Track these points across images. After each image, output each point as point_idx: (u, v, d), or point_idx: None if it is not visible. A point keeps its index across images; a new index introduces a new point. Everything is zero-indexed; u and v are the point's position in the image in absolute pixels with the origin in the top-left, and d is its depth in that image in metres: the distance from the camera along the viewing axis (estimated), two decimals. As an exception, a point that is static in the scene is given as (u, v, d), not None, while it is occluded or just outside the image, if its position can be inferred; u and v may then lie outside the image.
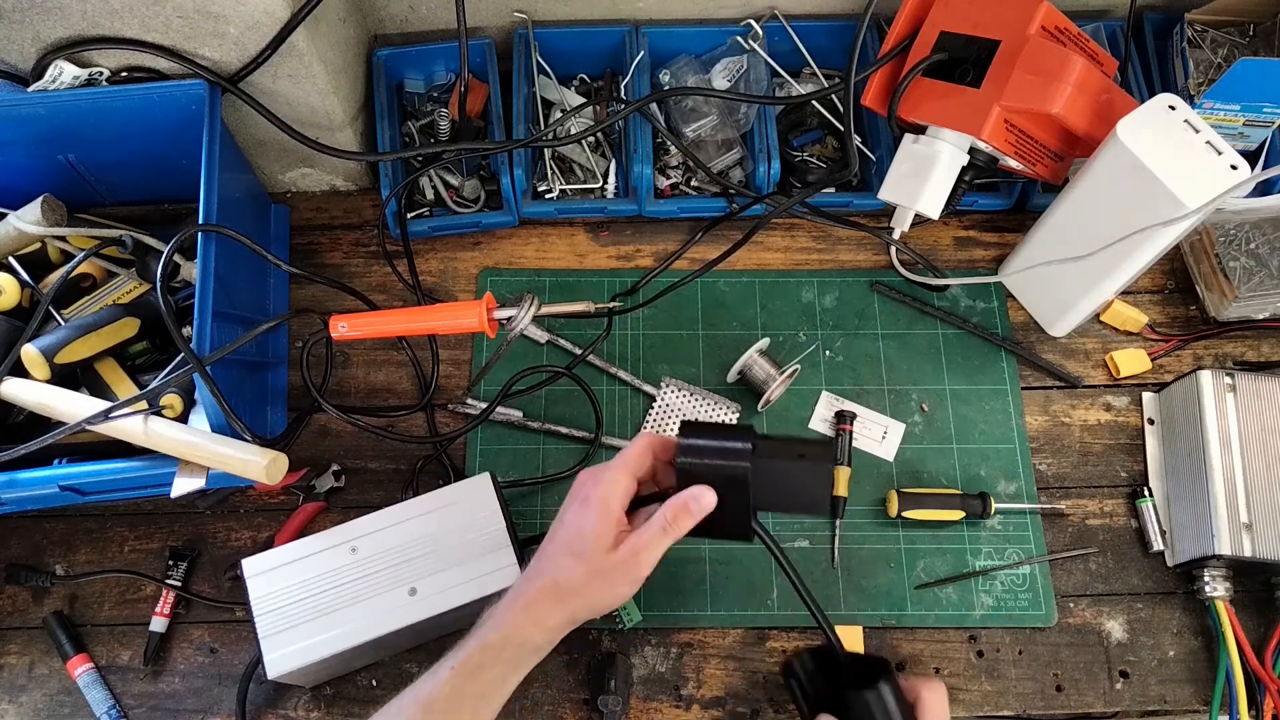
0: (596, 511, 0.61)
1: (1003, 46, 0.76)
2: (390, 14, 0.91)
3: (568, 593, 0.61)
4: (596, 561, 0.61)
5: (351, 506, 0.83)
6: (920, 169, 0.80)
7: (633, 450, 0.63)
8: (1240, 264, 0.85)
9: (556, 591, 0.61)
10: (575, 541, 0.62)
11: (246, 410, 0.77)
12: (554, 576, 0.61)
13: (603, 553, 0.61)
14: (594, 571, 0.61)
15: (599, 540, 0.61)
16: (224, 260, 0.75)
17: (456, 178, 0.93)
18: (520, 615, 0.61)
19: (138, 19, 0.73)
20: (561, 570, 0.61)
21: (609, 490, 0.62)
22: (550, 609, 0.61)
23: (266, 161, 0.91)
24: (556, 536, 0.63)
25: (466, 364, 0.88)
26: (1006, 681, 0.77)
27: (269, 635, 0.69)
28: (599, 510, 0.61)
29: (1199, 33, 0.89)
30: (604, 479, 0.62)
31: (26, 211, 0.81)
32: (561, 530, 0.63)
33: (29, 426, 0.77)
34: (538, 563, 0.63)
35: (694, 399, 0.85)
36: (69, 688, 0.77)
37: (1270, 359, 0.87)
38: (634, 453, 0.63)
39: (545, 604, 0.61)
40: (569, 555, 0.61)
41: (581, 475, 0.65)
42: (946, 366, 0.87)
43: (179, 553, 0.81)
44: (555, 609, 0.61)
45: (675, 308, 0.90)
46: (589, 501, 0.62)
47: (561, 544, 0.62)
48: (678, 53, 0.94)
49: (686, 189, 0.94)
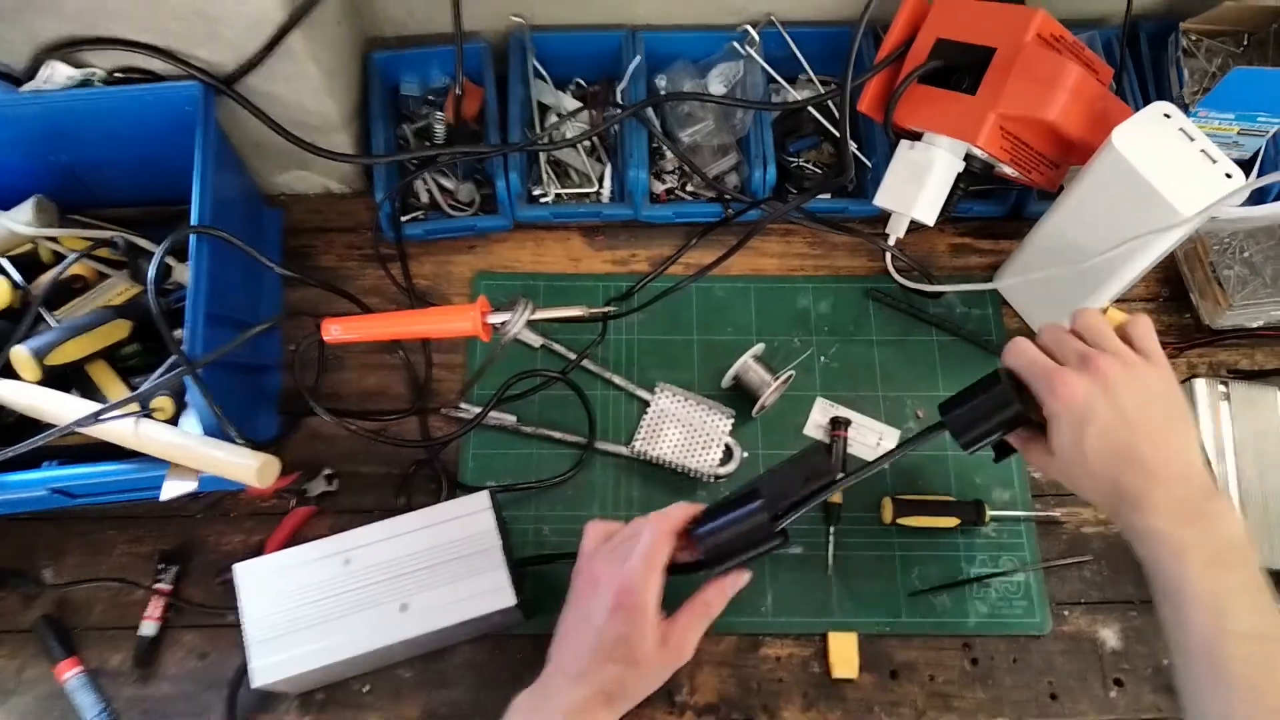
0: (638, 619, 0.62)
1: (998, 54, 0.76)
2: (386, 17, 0.91)
3: (618, 699, 0.63)
4: (646, 665, 0.63)
5: (343, 511, 0.83)
6: (916, 175, 0.80)
7: (657, 546, 0.64)
8: (1234, 272, 0.85)
9: (607, 700, 0.62)
10: (621, 650, 0.63)
11: (238, 413, 0.77)
12: (603, 688, 0.62)
13: (651, 654, 0.62)
14: (642, 675, 0.63)
15: (644, 645, 0.62)
16: (217, 262, 0.75)
17: (451, 181, 0.92)
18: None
19: (132, 20, 0.73)
20: (610, 680, 0.62)
21: (647, 597, 0.63)
22: (601, 717, 0.62)
23: (261, 163, 0.91)
24: (600, 647, 0.63)
25: (460, 368, 0.88)
26: (1001, 689, 0.77)
27: (257, 643, 0.69)
28: (640, 617, 0.62)
29: (1194, 42, 0.90)
30: (638, 584, 0.62)
31: (18, 212, 0.81)
32: (603, 639, 0.63)
33: (19, 428, 0.76)
34: (580, 669, 0.63)
35: (688, 404, 0.85)
36: (58, 692, 0.77)
37: (1264, 367, 0.87)
38: (659, 548, 0.64)
39: (596, 712, 0.62)
40: (617, 664, 0.62)
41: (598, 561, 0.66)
42: (941, 373, 0.87)
43: (169, 556, 0.80)
44: (605, 715, 0.62)
45: (670, 313, 0.90)
46: (627, 609, 0.62)
47: (607, 654, 0.63)
48: (674, 58, 0.94)
49: (682, 194, 0.94)
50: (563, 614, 0.67)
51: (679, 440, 0.83)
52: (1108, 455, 0.58)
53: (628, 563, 0.64)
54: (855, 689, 0.77)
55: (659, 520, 0.66)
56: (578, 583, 0.67)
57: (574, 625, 0.65)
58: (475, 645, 0.78)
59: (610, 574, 0.64)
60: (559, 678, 0.63)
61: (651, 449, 0.83)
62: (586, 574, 0.66)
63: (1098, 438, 0.58)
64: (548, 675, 0.64)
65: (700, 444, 0.83)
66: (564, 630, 0.66)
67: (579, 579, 0.67)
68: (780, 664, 0.78)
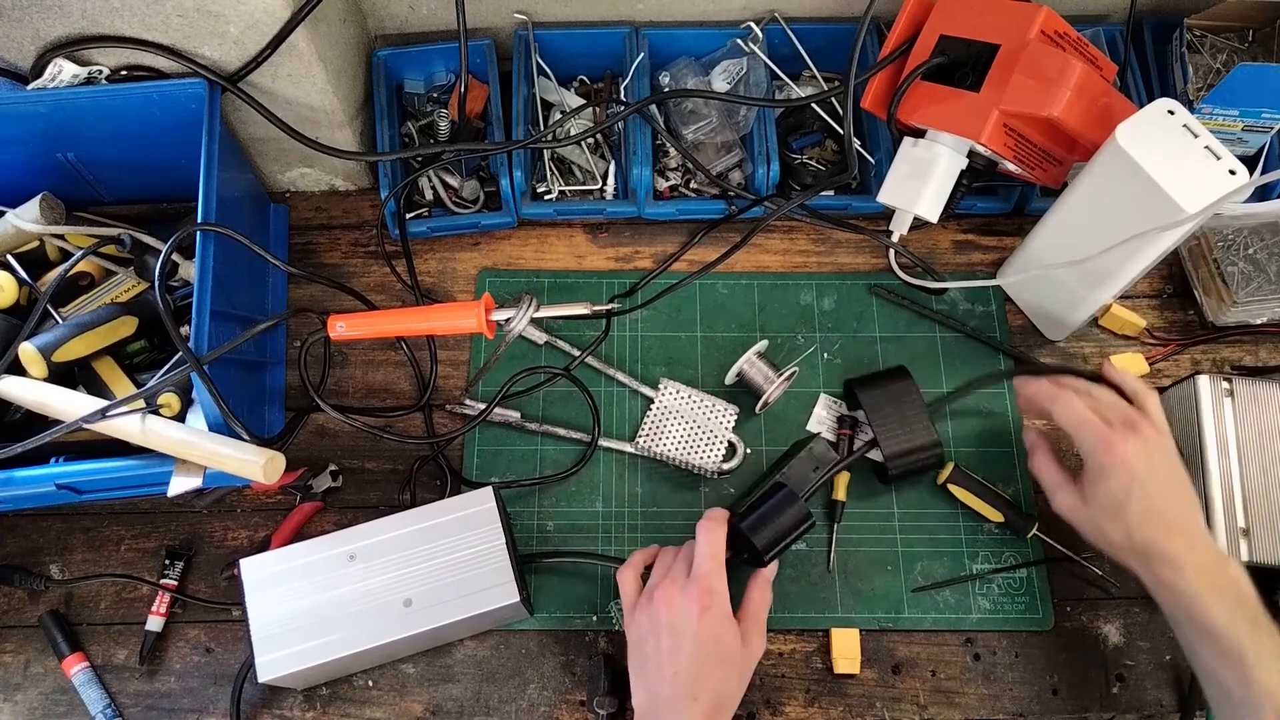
0: (725, 617, 0.66)
1: (1002, 50, 0.76)
2: (390, 14, 0.91)
3: (726, 707, 0.65)
4: (738, 665, 0.66)
5: (348, 507, 0.83)
6: (919, 172, 0.80)
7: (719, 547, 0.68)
8: (1238, 269, 0.85)
9: (717, 710, 0.64)
10: (720, 651, 0.65)
11: (244, 409, 0.77)
12: (714, 698, 0.64)
13: (738, 652, 0.66)
14: (737, 674, 0.66)
15: (735, 642, 0.66)
16: (222, 259, 0.75)
17: (456, 178, 0.93)
18: None
19: (138, 17, 0.73)
20: (719, 686, 0.64)
21: (725, 596, 0.66)
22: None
23: (266, 161, 0.91)
24: (700, 655, 0.64)
25: (465, 365, 0.88)
26: (1003, 685, 0.77)
27: (262, 638, 0.69)
28: (726, 615, 0.66)
29: (1198, 38, 0.89)
30: (716, 585, 0.66)
31: (25, 210, 0.81)
32: (701, 647, 0.64)
33: (26, 425, 0.77)
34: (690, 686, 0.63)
35: (692, 401, 0.85)
36: (65, 686, 0.77)
37: (1268, 364, 0.87)
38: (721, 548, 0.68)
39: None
40: (720, 666, 0.65)
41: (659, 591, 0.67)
42: (945, 370, 0.87)
43: (175, 552, 0.80)
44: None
45: (674, 310, 0.90)
46: (713, 609, 0.65)
47: (708, 660, 0.64)
48: (678, 55, 0.94)
49: (685, 191, 0.94)
50: (639, 654, 0.67)
51: (683, 436, 0.83)
52: (1147, 515, 0.64)
53: (698, 569, 0.66)
54: (857, 684, 0.77)
55: (710, 526, 0.69)
56: (643, 617, 0.67)
57: (665, 650, 0.65)
58: (479, 640, 0.78)
59: (680, 589, 0.66)
60: (668, 705, 0.63)
61: (655, 445, 0.83)
62: (649, 605, 0.67)
63: (1142, 499, 0.65)
64: (653, 707, 0.64)
65: (704, 440, 0.83)
66: (651, 663, 0.65)
67: (641, 614, 0.67)
68: (783, 660, 0.78)
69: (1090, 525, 0.69)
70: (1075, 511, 0.69)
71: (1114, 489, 0.65)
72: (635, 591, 0.70)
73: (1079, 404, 0.68)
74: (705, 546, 0.68)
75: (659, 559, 0.71)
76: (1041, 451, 0.74)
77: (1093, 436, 0.67)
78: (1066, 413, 0.68)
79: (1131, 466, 0.65)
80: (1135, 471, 0.65)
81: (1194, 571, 0.63)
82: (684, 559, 0.69)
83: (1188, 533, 0.64)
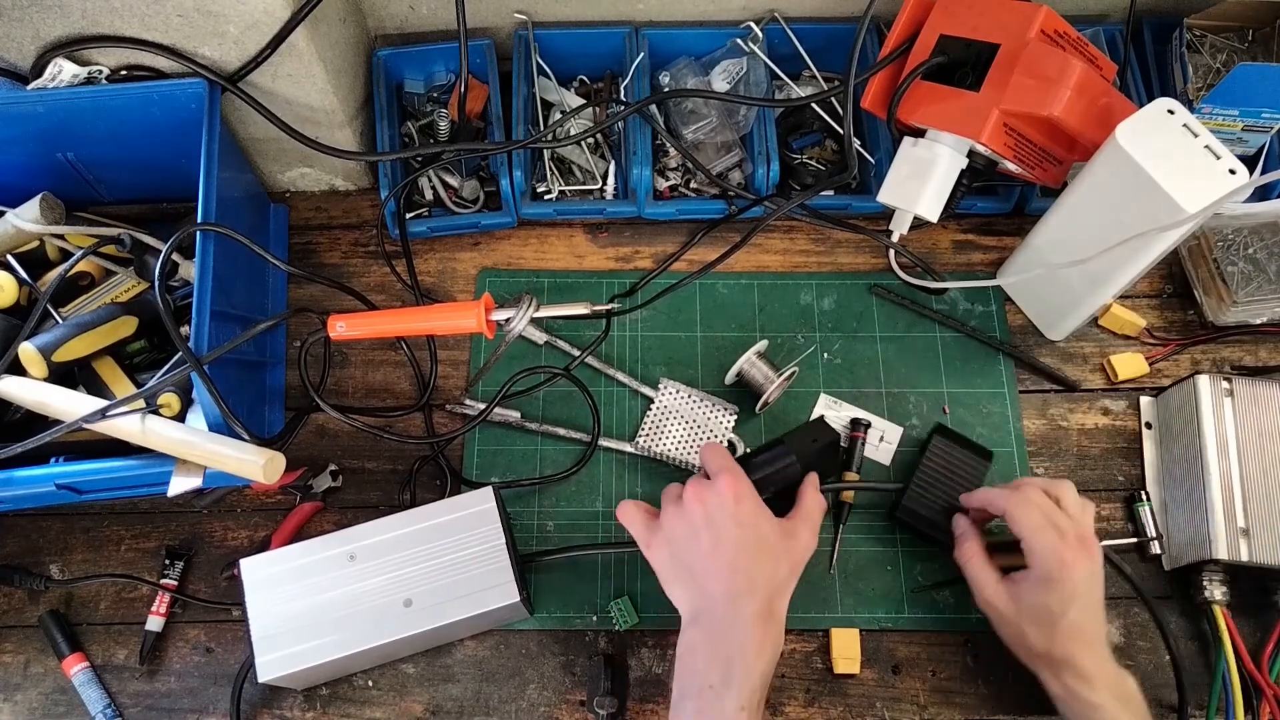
0: (760, 506, 0.67)
1: (1002, 50, 0.76)
2: (390, 14, 0.91)
3: (783, 592, 0.66)
4: (790, 554, 0.67)
5: (348, 507, 0.83)
6: (919, 172, 0.80)
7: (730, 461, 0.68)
8: (1238, 269, 0.85)
9: (769, 603, 0.65)
10: (765, 543, 0.66)
11: (244, 409, 0.77)
12: (766, 591, 0.64)
13: (785, 542, 0.67)
14: (793, 563, 0.67)
15: (777, 532, 0.67)
16: (222, 259, 0.75)
17: (456, 178, 0.93)
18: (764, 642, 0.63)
19: (137, 17, 0.73)
20: (768, 579, 0.65)
21: (752, 489, 0.67)
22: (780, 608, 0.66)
23: (265, 161, 0.91)
24: (744, 547, 0.64)
25: (465, 364, 0.88)
26: (1003, 685, 0.77)
27: (263, 638, 0.69)
28: (760, 504, 0.67)
29: (1198, 37, 0.89)
30: (743, 483, 0.67)
31: (25, 209, 0.81)
32: (744, 541, 0.65)
33: (26, 425, 0.77)
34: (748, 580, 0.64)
35: (692, 401, 0.85)
36: (64, 686, 0.77)
37: (1268, 364, 0.87)
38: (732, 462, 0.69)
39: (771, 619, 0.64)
40: (765, 558, 0.65)
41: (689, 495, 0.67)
42: (945, 370, 0.87)
43: (175, 552, 0.80)
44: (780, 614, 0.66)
45: (674, 309, 0.90)
46: (746, 499, 0.66)
47: (755, 552, 0.65)
48: (678, 54, 0.94)
49: (685, 191, 0.94)
50: (677, 560, 0.66)
51: (683, 436, 0.83)
52: (1075, 630, 0.67)
53: (717, 469, 0.67)
54: (857, 684, 0.77)
55: (713, 445, 0.70)
56: (677, 523, 0.67)
57: (707, 548, 0.65)
58: (479, 640, 0.78)
59: (709, 486, 0.67)
60: (725, 600, 0.64)
61: (655, 445, 0.83)
62: (680, 509, 0.67)
63: (1075, 615, 0.67)
64: (709, 605, 0.64)
65: (704, 440, 0.83)
66: (695, 564, 0.65)
67: (673, 520, 0.67)
68: (783, 659, 0.78)
69: (1012, 626, 0.69)
70: (1003, 609, 0.70)
71: (1053, 602, 0.67)
72: (644, 516, 0.69)
73: (1037, 512, 0.68)
74: (713, 455, 0.69)
75: (667, 492, 0.70)
76: (972, 543, 0.74)
77: (1047, 548, 0.67)
78: (1024, 517, 0.68)
79: (1076, 585, 0.67)
80: (1078, 590, 0.67)
81: (1103, 684, 0.66)
82: (696, 477, 0.69)
83: (1100, 649, 0.67)
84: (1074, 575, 0.66)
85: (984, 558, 0.73)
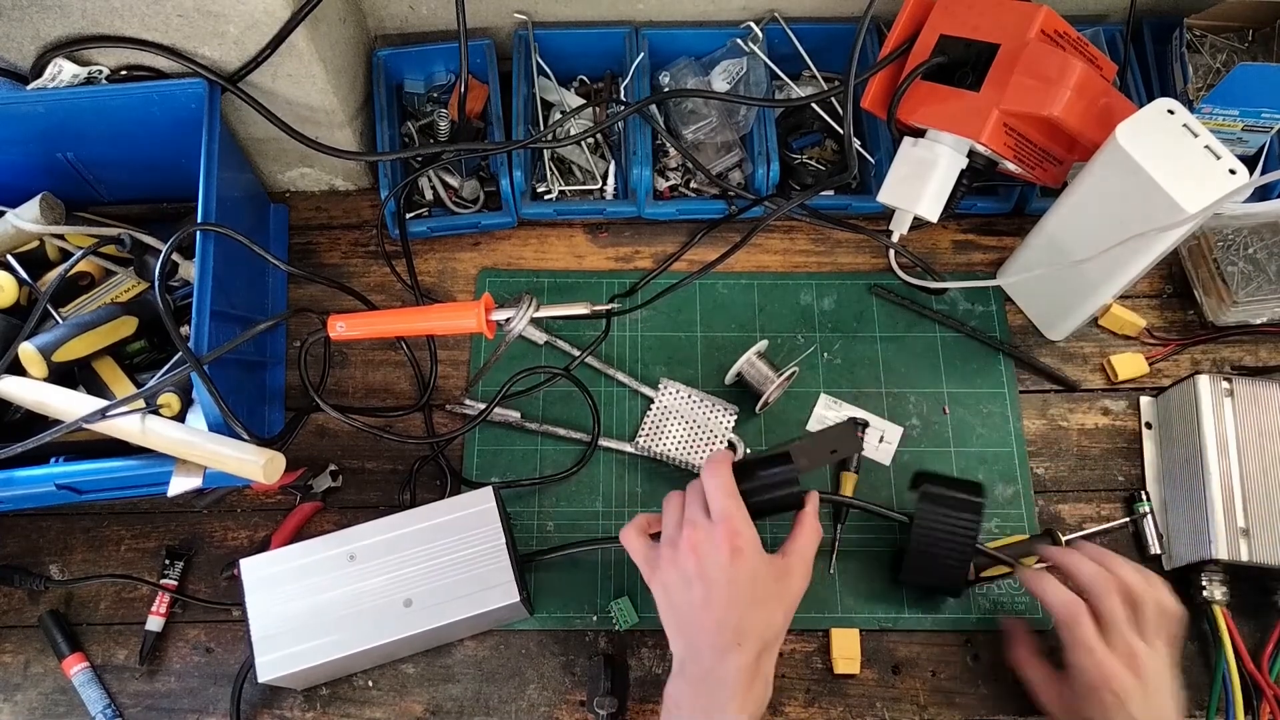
0: (755, 552, 0.64)
1: (1002, 50, 0.76)
2: (390, 14, 0.91)
3: (772, 643, 0.64)
4: (778, 599, 0.65)
5: (348, 507, 0.83)
6: (919, 172, 0.80)
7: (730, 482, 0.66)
8: (1238, 269, 0.85)
9: (765, 648, 0.63)
10: (758, 590, 0.64)
11: (244, 409, 0.77)
12: (761, 637, 0.63)
13: (774, 586, 0.65)
14: (779, 609, 0.65)
15: (773, 577, 0.65)
16: (222, 259, 0.75)
17: (456, 178, 0.93)
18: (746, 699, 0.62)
19: (137, 17, 0.73)
20: (762, 626, 0.63)
21: (751, 530, 0.65)
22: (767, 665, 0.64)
23: (265, 161, 0.91)
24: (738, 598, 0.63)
25: (465, 364, 0.88)
26: (1003, 685, 0.77)
27: (263, 638, 0.69)
28: (757, 550, 0.64)
29: (1198, 38, 0.89)
30: (739, 523, 0.64)
31: (25, 209, 0.81)
32: (738, 589, 0.63)
33: (26, 425, 0.77)
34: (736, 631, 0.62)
35: (692, 401, 0.85)
36: (64, 686, 0.77)
37: (1268, 364, 0.87)
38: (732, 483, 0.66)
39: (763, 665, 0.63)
40: (759, 606, 0.64)
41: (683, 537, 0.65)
42: (945, 370, 0.87)
43: (175, 552, 0.80)
44: (769, 664, 0.64)
45: (673, 310, 0.90)
46: (741, 548, 0.63)
47: (748, 601, 0.63)
48: (678, 54, 0.94)
49: (685, 191, 0.94)
50: (671, 606, 0.65)
51: (683, 436, 0.83)
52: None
53: (716, 511, 0.65)
54: (857, 685, 0.77)
55: (715, 467, 0.67)
56: (670, 570, 0.65)
57: (699, 601, 0.63)
58: (479, 640, 0.78)
59: (706, 534, 0.64)
60: (711, 654, 0.62)
61: (655, 445, 0.83)
62: (675, 554, 0.65)
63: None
64: (695, 657, 0.63)
65: (704, 440, 0.83)
66: (686, 615, 0.64)
67: (668, 566, 0.65)
68: (782, 660, 0.78)
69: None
70: (1058, 714, 0.68)
71: (1095, 714, 0.64)
72: (646, 547, 0.68)
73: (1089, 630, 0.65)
74: (716, 485, 0.65)
75: (667, 506, 0.68)
76: (1023, 645, 0.73)
77: (1099, 667, 0.64)
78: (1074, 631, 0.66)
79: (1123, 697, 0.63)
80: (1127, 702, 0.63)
81: None
82: (695, 503, 0.66)
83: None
84: (1117, 688, 0.63)
85: (1036, 660, 0.71)
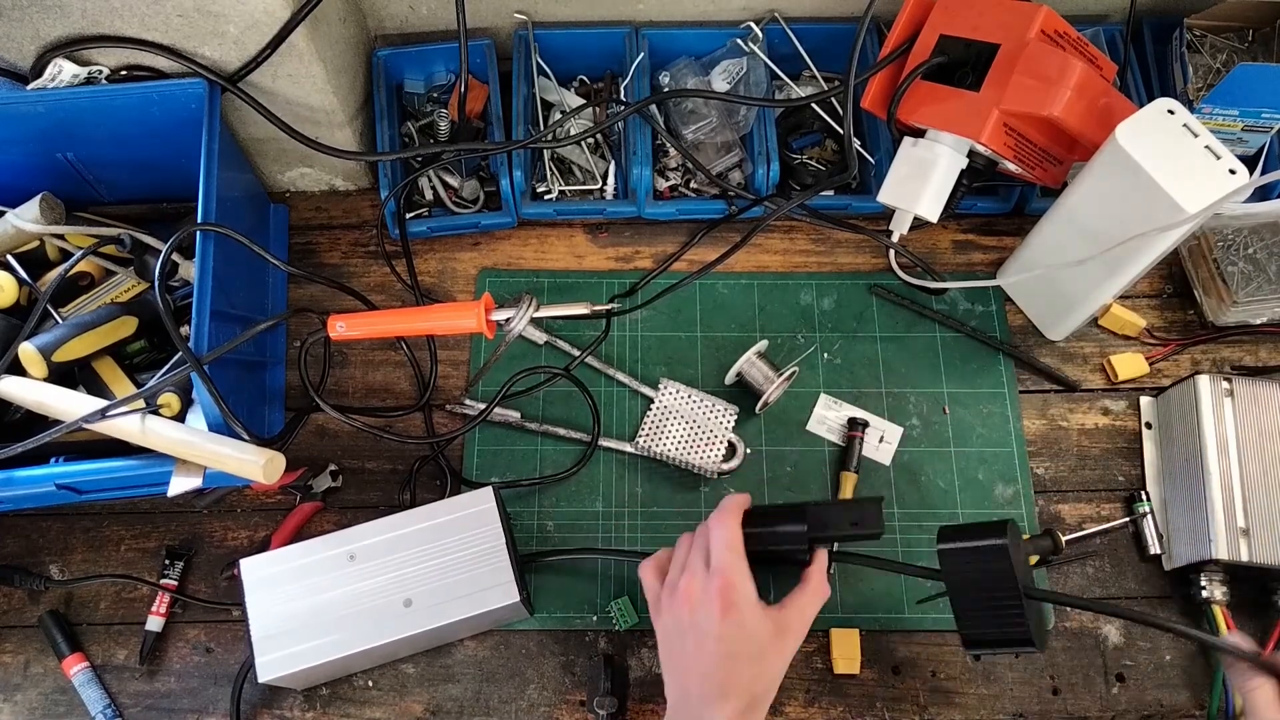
0: (750, 611, 0.63)
1: (1002, 50, 0.76)
2: (390, 14, 0.91)
3: (761, 699, 0.64)
4: (770, 657, 0.64)
5: (348, 507, 0.83)
6: (919, 172, 0.80)
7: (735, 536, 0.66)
8: (1238, 269, 0.85)
9: (753, 703, 0.63)
10: (749, 647, 0.63)
11: (244, 409, 0.77)
12: (748, 692, 0.62)
13: (770, 643, 0.64)
14: (771, 666, 0.64)
15: (764, 636, 0.64)
16: (222, 259, 0.75)
17: (456, 178, 0.93)
18: None
19: (137, 17, 0.73)
20: (750, 682, 0.63)
21: (748, 587, 0.64)
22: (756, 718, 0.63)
23: (265, 161, 0.91)
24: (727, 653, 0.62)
25: (465, 364, 0.88)
26: (1003, 685, 0.77)
27: (263, 638, 0.69)
28: (751, 608, 0.63)
29: (1198, 38, 0.89)
30: (736, 579, 0.64)
31: (25, 209, 0.81)
32: (727, 645, 0.62)
33: (26, 425, 0.77)
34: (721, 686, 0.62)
35: (692, 401, 0.85)
36: (64, 686, 0.77)
37: (1268, 364, 0.87)
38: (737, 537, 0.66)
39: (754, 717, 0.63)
40: (749, 663, 0.63)
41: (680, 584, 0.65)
42: (945, 370, 0.87)
43: (175, 552, 0.80)
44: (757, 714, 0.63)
45: (674, 310, 0.90)
46: (736, 605, 0.63)
47: (737, 658, 0.63)
48: (678, 55, 0.94)
49: (685, 191, 0.94)
50: (667, 651, 0.66)
51: (683, 436, 0.83)
52: None
53: (715, 563, 0.65)
54: (858, 685, 0.77)
55: (724, 518, 0.67)
56: (668, 616, 0.66)
57: (691, 650, 0.64)
58: (479, 640, 0.78)
59: (701, 586, 0.64)
60: (699, 703, 0.62)
61: (655, 445, 0.83)
62: (672, 602, 0.66)
63: None
64: (684, 703, 0.63)
65: (704, 440, 0.83)
66: (679, 662, 0.65)
67: (665, 612, 0.66)
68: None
69: None
70: None
71: None
72: (656, 586, 0.68)
73: None
74: (720, 537, 0.65)
75: (676, 548, 0.69)
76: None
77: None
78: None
79: None
80: None
81: None
82: (699, 549, 0.66)
83: None
84: None
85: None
